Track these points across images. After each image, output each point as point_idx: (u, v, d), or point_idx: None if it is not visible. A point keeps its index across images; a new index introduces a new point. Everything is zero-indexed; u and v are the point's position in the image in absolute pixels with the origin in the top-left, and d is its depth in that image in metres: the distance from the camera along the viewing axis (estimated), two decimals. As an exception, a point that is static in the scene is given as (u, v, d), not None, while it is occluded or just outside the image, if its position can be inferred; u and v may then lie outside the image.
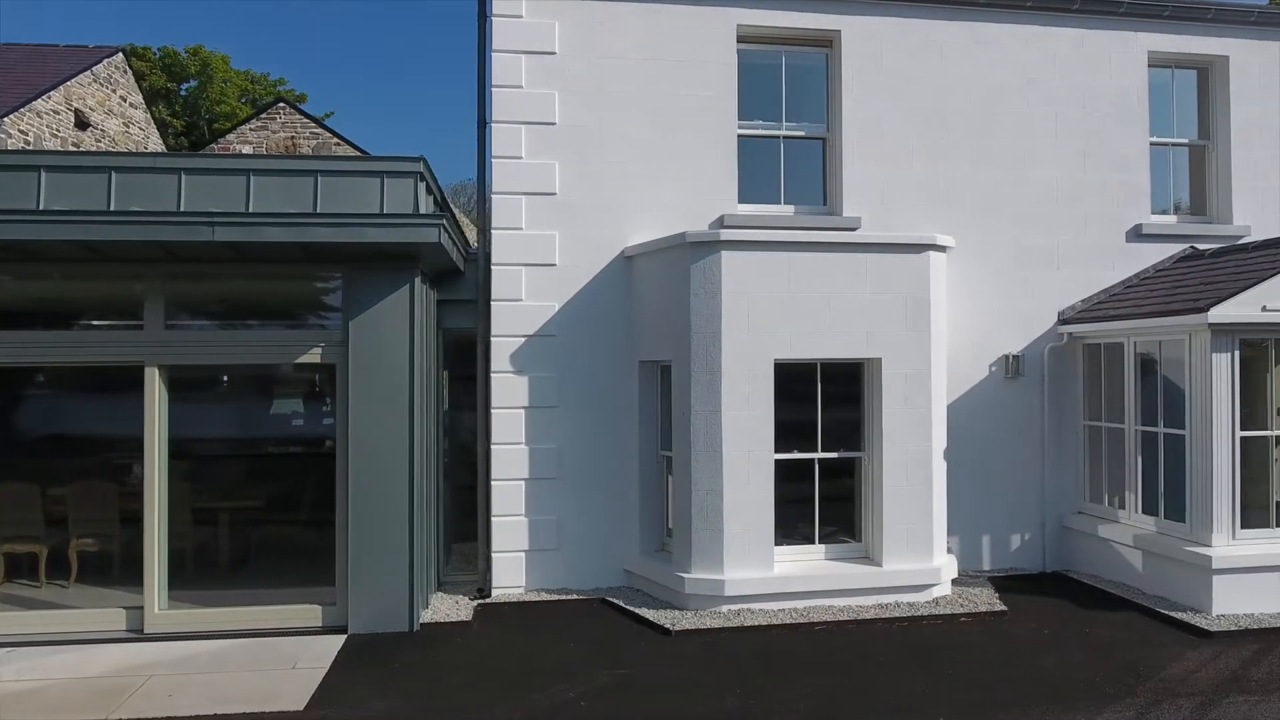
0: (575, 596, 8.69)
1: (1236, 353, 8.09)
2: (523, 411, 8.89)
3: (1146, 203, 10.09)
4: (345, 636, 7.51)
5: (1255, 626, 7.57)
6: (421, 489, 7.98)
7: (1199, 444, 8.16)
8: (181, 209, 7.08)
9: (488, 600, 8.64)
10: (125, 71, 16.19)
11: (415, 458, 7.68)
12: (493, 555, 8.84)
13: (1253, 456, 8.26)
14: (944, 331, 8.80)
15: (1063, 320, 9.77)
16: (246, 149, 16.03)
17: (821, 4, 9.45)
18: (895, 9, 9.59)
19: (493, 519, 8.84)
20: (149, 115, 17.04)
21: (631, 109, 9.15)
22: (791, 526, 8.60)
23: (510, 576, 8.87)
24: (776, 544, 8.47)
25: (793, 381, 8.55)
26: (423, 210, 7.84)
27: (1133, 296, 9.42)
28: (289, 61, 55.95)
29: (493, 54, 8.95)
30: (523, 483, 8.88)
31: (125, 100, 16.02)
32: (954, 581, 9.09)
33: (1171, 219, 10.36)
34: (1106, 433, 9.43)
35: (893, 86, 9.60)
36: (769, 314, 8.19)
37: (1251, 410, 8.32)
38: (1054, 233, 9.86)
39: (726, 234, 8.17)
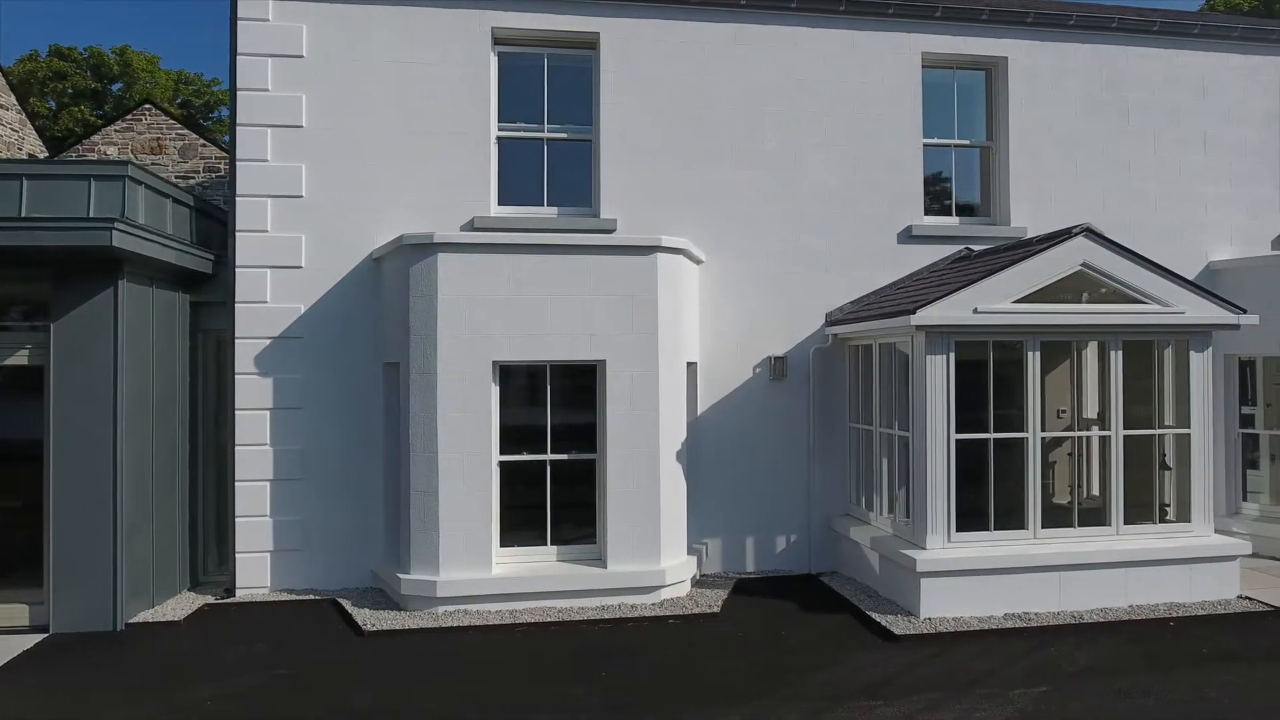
0: (313, 597, 8.73)
1: (952, 355, 8.07)
2: (267, 413, 8.93)
3: (919, 204, 10.06)
4: (44, 636, 7.57)
5: (950, 630, 7.56)
6: (142, 490, 8.04)
7: (917, 446, 8.15)
8: None
9: (225, 600, 8.68)
10: (-9, 73, 16.29)
11: (120, 460, 7.72)
12: (237, 556, 8.89)
13: (972, 459, 8.24)
14: (681, 333, 8.78)
15: (830, 322, 9.76)
16: (112, 150, 16.11)
17: (580, 5, 9.46)
18: (656, 10, 9.59)
19: (237, 520, 8.89)
20: (23, 116, 17.14)
21: (384, 111, 9.18)
22: (527, 528, 8.62)
23: (255, 577, 8.91)
24: (508, 545, 8.52)
25: (532, 383, 8.58)
26: (140, 215, 7.92)
27: (892, 298, 9.40)
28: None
29: (239, 57, 8.99)
30: (267, 483, 8.92)
31: (-8, 102, 16.12)
32: (701, 582, 9.12)
33: (947, 220, 10.34)
34: (863, 434, 9.43)
35: (655, 88, 9.61)
36: (489, 316, 8.20)
37: (1005, 412, 8.31)
38: (824, 234, 9.85)
39: (442, 236, 8.19)
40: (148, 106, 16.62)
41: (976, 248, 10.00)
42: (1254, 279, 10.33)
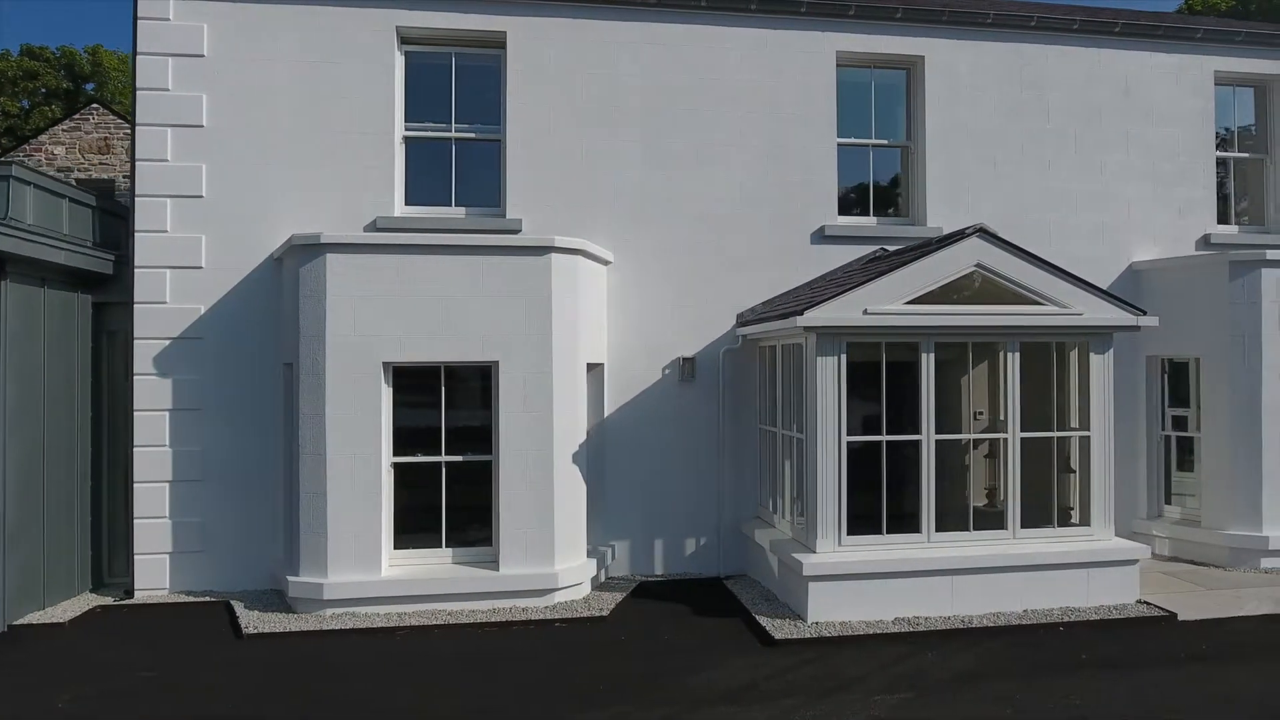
0: (210, 599, 8.68)
1: (844, 356, 7.99)
2: (166, 414, 8.89)
3: (833, 204, 9.98)
4: (-77, 638, 7.55)
5: (834, 635, 7.46)
6: (30, 492, 8.01)
7: (809, 449, 8.07)
8: None
9: (122, 602, 8.64)
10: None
11: (5, 462, 7.69)
12: (135, 557, 8.85)
13: (864, 461, 8.16)
14: (579, 334, 8.70)
15: (740, 323, 9.68)
16: (60, 150, 16.14)
17: (487, 5, 9.41)
18: (564, 10, 9.53)
19: (135, 521, 8.85)
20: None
21: (288, 111, 9.13)
22: (424, 530, 8.56)
23: (154, 578, 8.87)
24: (403, 547, 8.46)
25: (428, 384, 8.51)
26: (28, 216, 7.89)
27: (801, 297, 9.31)
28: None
29: (138, 57, 8.95)
30: (166, 485, 8.88)
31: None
32: (605, 585, 9.06)
33: (863, 220, 10.26)
34: (770, 436, 9.35)
35: (564, 88, 9.54)
36: (379, 317, 8.14)
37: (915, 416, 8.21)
38: (736, 235, 9.78)
39: (329, 236, 8.14)
40: (95, 106, 16.65)
41: (891, 248, 9.91)
42: (1175, 279, 10.23)
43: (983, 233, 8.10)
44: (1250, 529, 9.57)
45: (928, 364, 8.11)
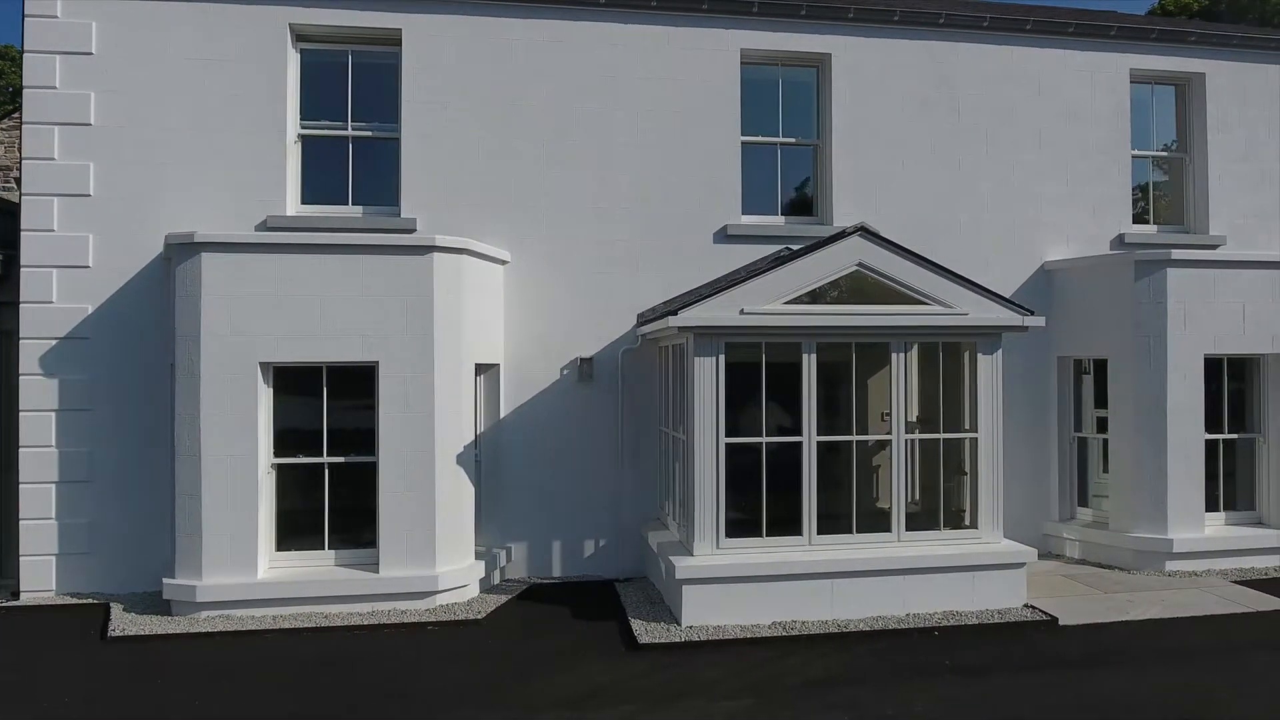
0: (93, 601, 8.61)
1: (722, 357, 7.89)
2: (53, 414, 8.81)
3: (737, 203, 9.88)
4: None
5: (704, 639, 7.36)
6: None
7: (689, 450, 7.97)
8: None
9: (8, 604, 8.57)
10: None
11: None
12: (21, 559, 8.77)
13: (750, 464, 8.06)
14: (464, 334, 8.59)
15: (641, 322, 9.59)
16: None
17: (382, 2, 9.32)
18: (461, 7, 9.44)
19: (21, 522, 8.78)
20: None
21: (179, 109, 9.05)
22: (309, 532, 8.47)
23: (40, 580, 8.79)
24: (286, 549, 8.39)
25: (312, 384, 8.42)
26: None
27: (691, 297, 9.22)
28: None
29: (25, 55, 8.89)
30: (52, 486, 8.80)
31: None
32: (497, 588, 8.99)
33: (769, 219, 10.15)
34: (665, 438, 9.25)
35: (462, 85, 9.45)
36: (256, 317, 8.06)
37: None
38: (637, 234, 9.68)
39: (204, 235, 8.05)
40: (37, 106, 16.51)
41: (795, 247, 9.80)
42: (1084, 279, 10.13)
43: (864, 232, 8.00)
44: (1156, 531, 9.46)
45: (809, 365, 8.01)
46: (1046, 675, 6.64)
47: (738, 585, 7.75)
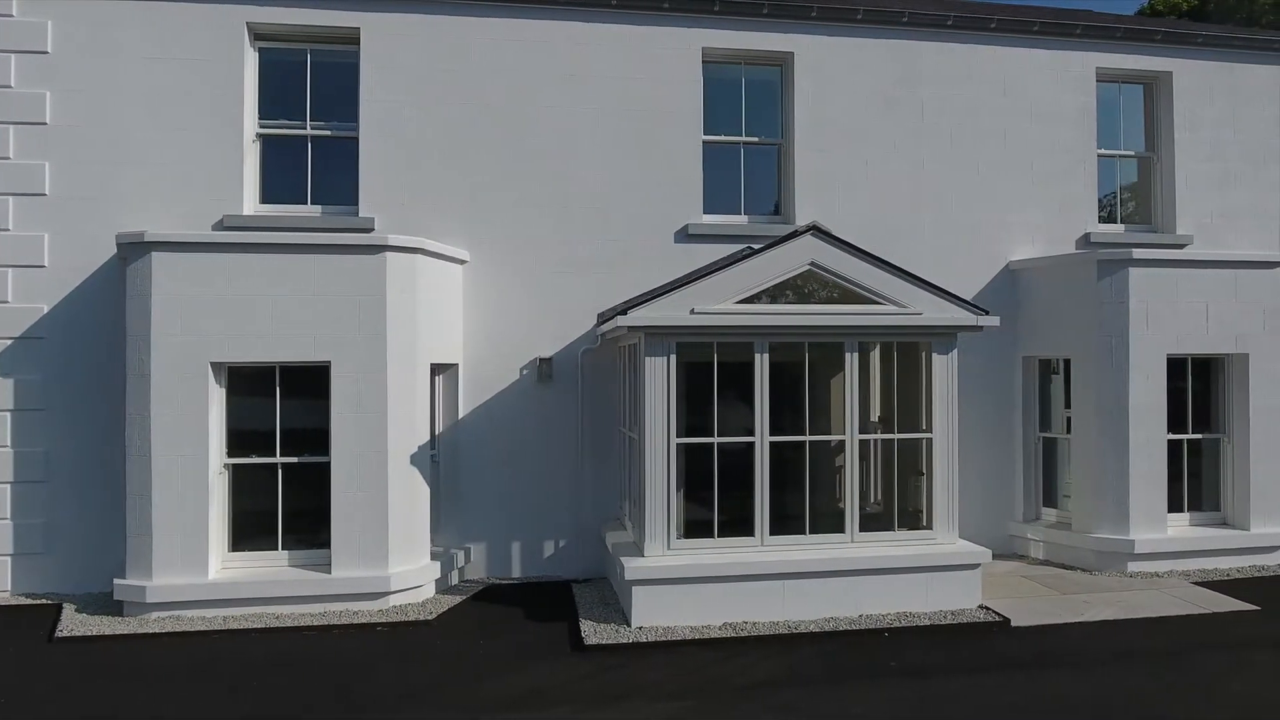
0: (47, 602, 8.58)
1: (673, 357, 7.86)
2: (8, 414, 8.79)
3: (698, 202, 9.85)
4: None
5: (653, 640, 7.32)
6: None
7: (642, 450, 7.93)
8: None
9: (-41, 605, 8.56)
10: None
11: None
12: (-25, 559, 8.77)
13: (704, 464, 8.03)
14: (419, 334, 8.53)
15: (600, 322, 9.55)
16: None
17: (340, 0, 9.29)
18: (421, 6, 9.41)
19: (-26, 523, 8.77)
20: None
21: (136, 108, 9.02)
22: (264, 532, 8.44)
23: (-3, 580, 8.79)
24: (240, 550, 8.36)
25: (267, 385, 8.39)
26: None
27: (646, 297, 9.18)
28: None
29: (-20, 54, 8.87)
30: (8, 486, 8.78)
31: None
32: (454, 588, 8.96)
33: (731, 218, 10.11)
34: (623, 438, 9.22)
35: (422, 84, 9.42)
36: (207, 316, 8.02)
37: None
38: (598, 234, 9.65)
39: (154, 234, 8.01)
40: None
41: (758, 246, 9.74)
42: (1048, 279, 10.09)
43: (816, 231, 7.97)
44: (1118, 532, 9.42)
45: (761, 365, 7.97)
46: (991, 676, 6.61)
47: (689, 586, 7.71)
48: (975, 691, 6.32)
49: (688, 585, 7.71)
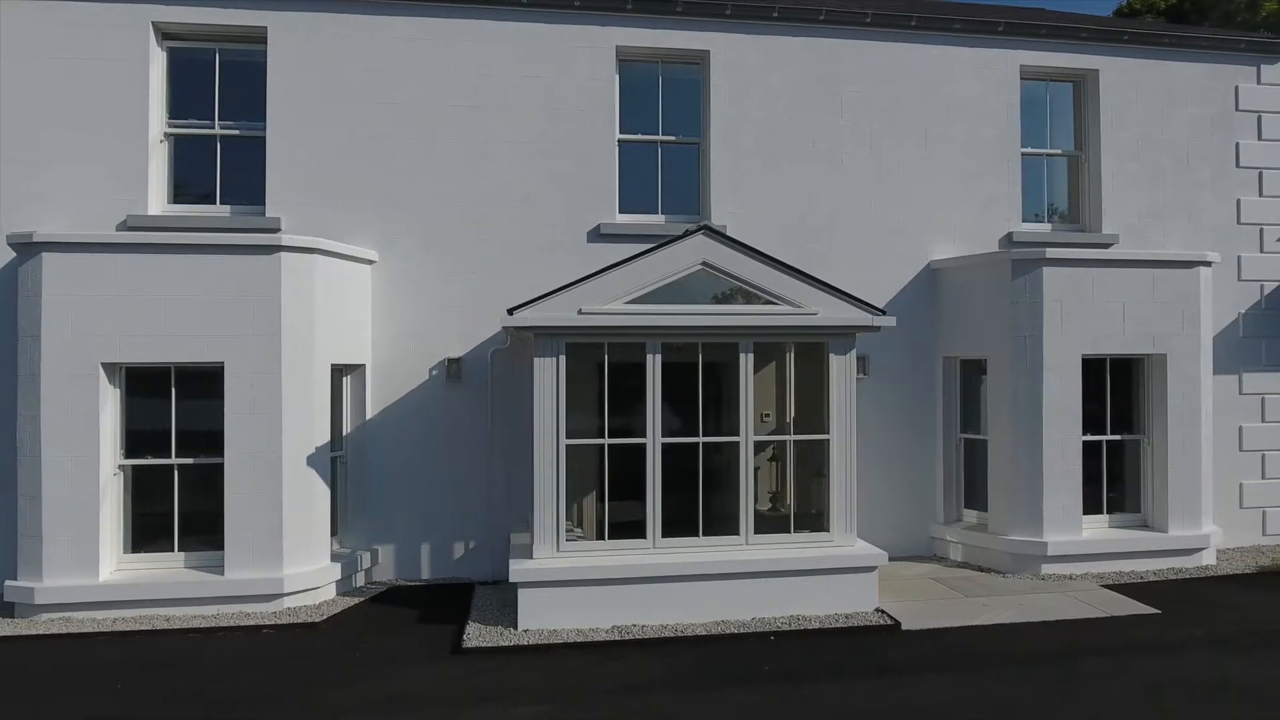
0: (-53, 603, 8.57)
1: (563, 357, 7.80)
2: (-86, 415, 8.77)
3: (613, 202, 9.80)
4: None
5: (536, 643, 7.27)
6: None
7: (533, 451, 7.88)
8: None
9: None
10: None
11: None
12: (-121, 560, 8.74)
13: (588, 465, 7.97)
14: (316, 335, 8.48)
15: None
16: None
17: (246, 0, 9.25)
18: (329, 4, 9.36)
19: (-121, 524, 8.74)
20: None
21: (41, 108, 8.99)
22: (160, 534, 8.41)
23: (-101, 582, 8.75)
24: (136, 551, 8.35)
25: (164, 386, 8.35)
26: None
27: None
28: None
29: (-117, 53, 8.84)
30: (-84, 487, 8.77)
31: None
32: (357, 590, 8.92)
33: (647, 218, 10.04)
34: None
35: (331, 83, 9.38)
36: (98, 317, 7.99)
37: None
38: (510, 234, 9.60)
39: (43, 235, 7.98)
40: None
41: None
42: (966, 278, 10.00)
43: (708, 231, 7.91)
44: (1031, 534, 9.34)
45: (654, 365, 7.91)
46: (864, 681, 6.53)
47: (577, 588, 7.66)
48: (840, 696, 6.25)
49: (576, 588, 7.66)
